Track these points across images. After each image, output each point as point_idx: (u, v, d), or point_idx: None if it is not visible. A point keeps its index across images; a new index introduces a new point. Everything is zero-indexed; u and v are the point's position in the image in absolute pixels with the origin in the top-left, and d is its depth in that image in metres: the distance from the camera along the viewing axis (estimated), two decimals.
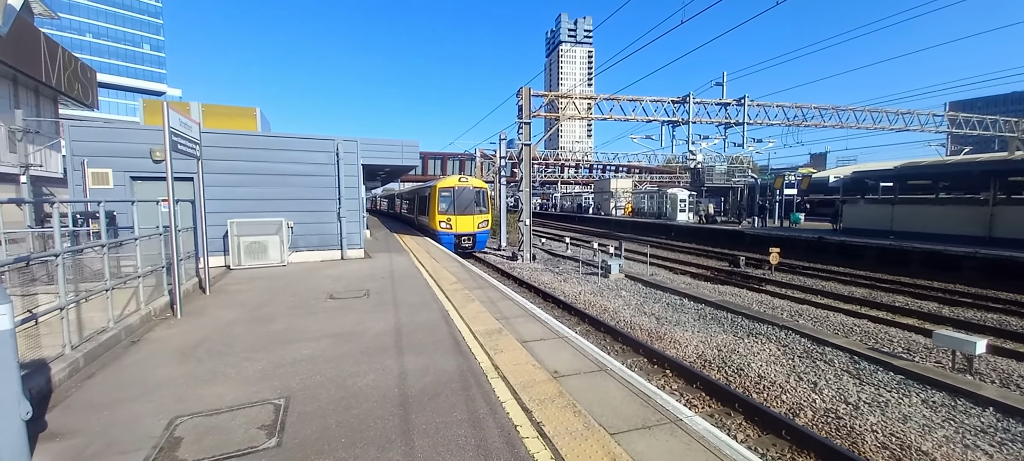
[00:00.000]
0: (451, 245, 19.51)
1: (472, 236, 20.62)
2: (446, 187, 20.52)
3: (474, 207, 20.55)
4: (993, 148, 43.21)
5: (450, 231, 20.05)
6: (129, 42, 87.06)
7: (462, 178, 21.12)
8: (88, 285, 6.33)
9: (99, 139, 11.04)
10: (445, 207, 20.11)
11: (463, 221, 20.25)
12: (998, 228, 16.95)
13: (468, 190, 20.68)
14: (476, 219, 20.60)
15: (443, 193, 20.25)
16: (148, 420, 3.85)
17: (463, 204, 20.30)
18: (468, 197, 20.50)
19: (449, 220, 20.02)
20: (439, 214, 19.98)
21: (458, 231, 20.14)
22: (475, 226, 20.60)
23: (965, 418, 5.78)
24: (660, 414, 3.92)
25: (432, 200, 20.74)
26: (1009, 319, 10.66)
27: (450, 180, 21.21)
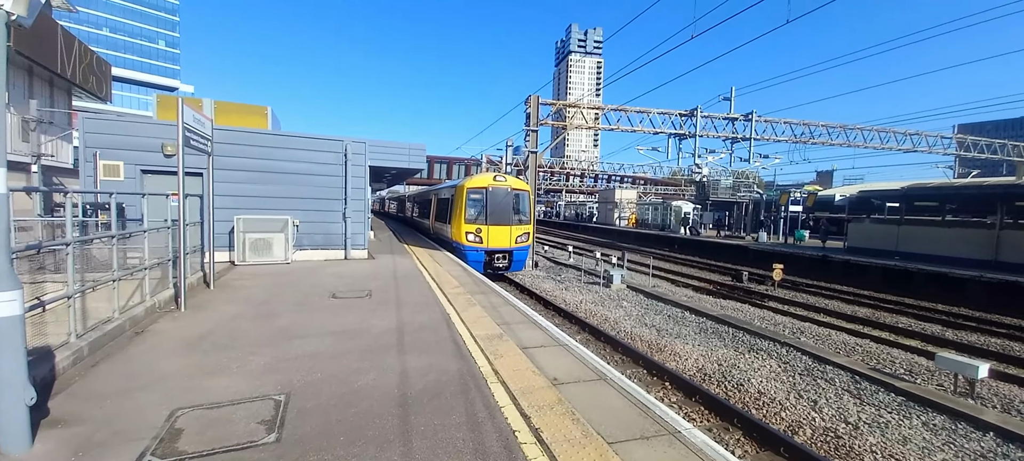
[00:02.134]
0: (480, 264, 14.99)
1: (508, 254, 15.65)
2: (476, 188, 15.64)
3: (512, 215, 15.73)
4: (1001, 172, 42.97)
5: (479, 246, 15.25)
6: (145, 38, 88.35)
7: (498, 176, 16.06)
8: (95, 275, 6.41)
9: (112, 132, 11.20)
10: (474, 214, 15.37)
11: (497, 233, 15.53)
12: (1004, 252, 16.82)
13: (504, 193, 15.75)
14: (514, 231, 15.77)
15: (472, 195, 15.48)
16: (150, 410, 3.89)
17: (498, 211, 15.53)
18: (505, 202, 15.70)
19: (479, 231, 15.32)
20: (466, 223, 15.27)
21: (491, 246, 15.34)
22: (512, 240, 15.68)
23: (965, 442, 5.74)
24: (658, 425, 3.92)
25: (456, 204, 15.99)
26: (1013, 344, 10.57)
27: (481, 178, 16.30)
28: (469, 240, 15.19)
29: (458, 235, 15.58)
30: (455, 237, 15.92)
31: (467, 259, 14.71)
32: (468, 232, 15.26)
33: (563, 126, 27.13)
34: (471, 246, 15.21)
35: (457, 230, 15.67)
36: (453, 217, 16.19)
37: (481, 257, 15.17)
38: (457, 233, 15.70)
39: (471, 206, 15.43)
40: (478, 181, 15.91)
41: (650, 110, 27.49)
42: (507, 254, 15.70)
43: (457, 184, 16.70)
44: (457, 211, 15.79)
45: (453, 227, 16.09)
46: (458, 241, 15.60)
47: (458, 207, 15.70)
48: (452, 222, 16.27)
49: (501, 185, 15.79)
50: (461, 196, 15.56)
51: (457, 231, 15.67)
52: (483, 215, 15.31)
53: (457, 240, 15.71)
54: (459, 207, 15.58)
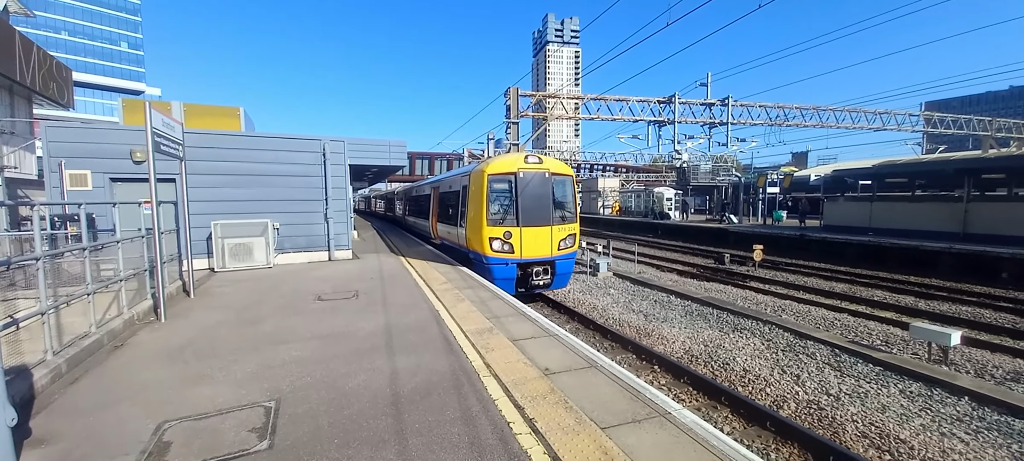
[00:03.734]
0: (510, 283, 10.90)
1: (549, 266, 11.22)
2: (501, 174, 11.04)
3: (552, 210, 11.21)
4: (967, 146, 44.59)
5: (509, 258, 10.80)
6: (106, 40, 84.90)
7: (529, 156, 11.50)
8: (68, 289, 6.19)
9: (77, 140, 10.78)
10: (499, 211, 10.98)
11: (534, 238, 10.94)
12: (972, 224, 17.54)
13: (541, 179, 11.19)
14: (556, 233, 11.19)
15: (496, 185, 11.02)
16: (135, 424, 3.79)
17: (534, 205, 11.02)
18: (542, 192, 11.14)
19: (508, 236, 10.77)
20: (488, 225, 10.78)
21: (525, 256, 10.88)
22: (554, 247, 11.18)
23: (941, 407, 5.99)
24: (649, 408, 3.99)
25: (472, 199, 11.65)
26: (982, 312, 11.05)
27: (507, 160, 11.42)
28: (494, 250, 10.71)
29: (478, 243, 11.10)
30: (473, 245, 11.50)
31: (492, 276, 10.66)
32: (493, 239, 10.68)
33: (544, 117, 27.13)
34: (497, 258, 10.74)
35: (476, 236, 11.21)
36: (469, 218, 11.81)
37: (512, 273, 10.86)
38: (476, 240, 11.23)
39: (495, 201, 10.96)
40: (503, 164, 11.20)
41: (629, 98, 27.67)
42: (548, 266, 11.13)
43: (471, 170, 12.16)
44: (474, 209, 11.36)
45: (469, 231, 11.76)
46: (478, 251, 11.18)
47: (476, 203, 11.25)
48: (467, 225, 11.90)
49: (535, 168, 11.16)
50: (480, 187, 11.03)
51: (476, 237, 11.21)
52: (513, 213, 10.89)
53: (476, 250, 11.30)
54: (478, 203, 11.12)
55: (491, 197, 10.93)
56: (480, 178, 11.10)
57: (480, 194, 11.04)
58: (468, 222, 11.91)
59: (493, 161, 11.65)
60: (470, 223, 11.71)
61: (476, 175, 11.53)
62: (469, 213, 11.83)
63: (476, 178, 11.45)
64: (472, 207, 11.58)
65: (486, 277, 10.77)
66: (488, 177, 10.90)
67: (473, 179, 11.70)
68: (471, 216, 11.66)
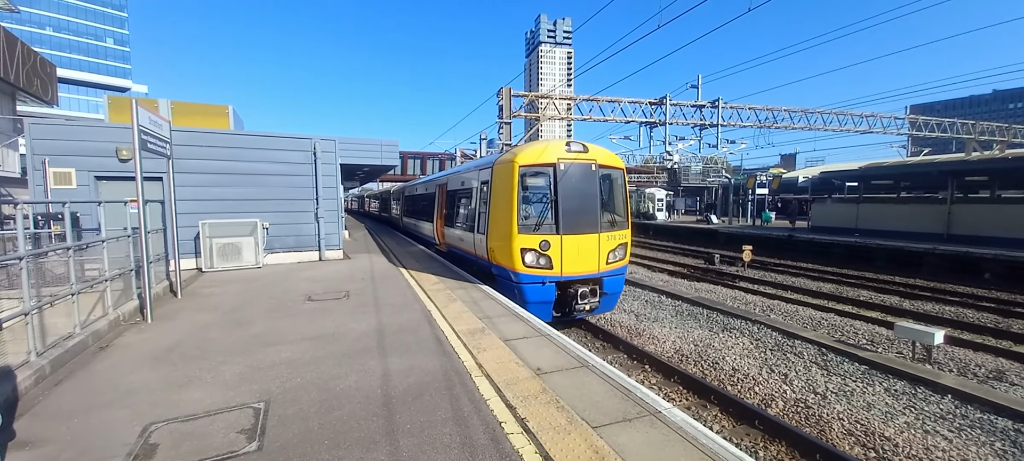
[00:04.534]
0: (547, 307, 8.73)
1: (596, 284, 8.92)
2: (536, 165, 8.73)
3: (599, 213, 8.85)
4: (951, 149, 45.47)
5: (546, 275, 8.51)
6: (91, 36, 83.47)
7: (572, 144, 8.98)
8: (52, 289, 6.08)
9: (61, 137, 10.58)
10: (532, 215, 8.68)
11: (578, 249, 8.63)
12: (955, 225, 17.90)
13: (587, 173, 8.87)
14: (605, 243, 8.87)
15: (529, 178, 8.77)
16: (121, 427, 3.73)
17: (578, 207, 8.69)
18: (588, 189, 8.83)
19: (544, 247, 8.44)
20: (519, 232, 8.47)
21: (566, 273, 8.57)
22: (602, 260, 8.86)
23: (925, 405, 6.11)
24: (640, 407, 4.02)
25: (496, 199, 9.35)
26: (965, 311, 11.28)
27: (542, 149, 8.88)
28: (527, 265, 8.37)
29: (504, 255, 8.76)
30: (497, 258, 9.12)
31: (524, 300, 8.41)
32: (525, 250, 8.37)
33: (536, 117, 27.18)
34: (531, 275, 8.41)
35: (502, 246, 8.83)
36: (492, 223, 9.37)
37: (549, 295, 8.56)
38: (501, 251, 8.88)
39: (528, 200, 8.71)
40: (538, 152, 8.73)
41: (621, 99, 27.81)
42: (594, 285, 8.83)
43: (493, 161, 9.83)
44: (500, 211, 9.01)
45: (493, 240, 9.29)
46: (504, 266, 8.85)
47: (502, 204, 8.92)
48: (490, 232, 9.41)
49: (580, 158, 8.81)
50: (508, 182, 8.73)
51: (502, 248, 8.85)
52: (551, 216, 8.51)
53: (502, 264, 8.96)
54: (505, 204, 8.80)
55: (523, 195, 8.61)
56: (508, 171, 8.72)
57: (508, 192, 8.65)
58: (491, 228, 9.37)
59: (524, 149, 9.15)
60: (494, 230, 9.23)
61: (502, 167, 9.12)
62: (492, 216, 9.37)
63: (502, 171, 9.07)
64: (496, 209, 9.20)
65: (514, 300, 8.37)
66: (519, 169, 8.51)
67: (497, 173, 9.31)
68: (495, 221, 9.22)
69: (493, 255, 9.37)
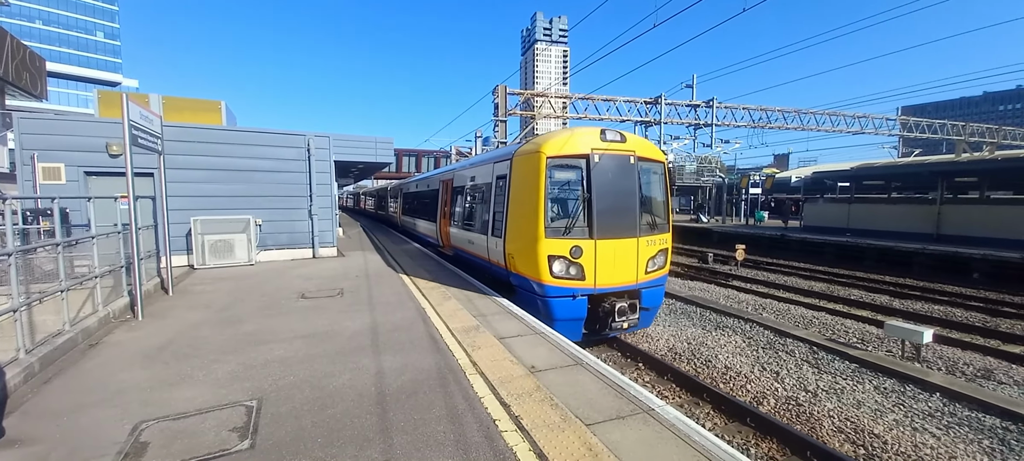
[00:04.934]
0: (577, 326, 7.62)
1: (633, 297, 7.77)
2: (565, 157, 7.54)
3: (638, 213, 7.74)
4: (941, 150, 46.01)
5: (579, 286, 7.42)
6: (81, 29, 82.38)
7: (608, 133, 7.77)
8: (40, 286, 6.01)
9: (51, 132, 10.44)
10: (560, 216, 7.63)
11: (614, 256, 7.56)
12: (945, 225, 18.12)
13: (625, 166, 7.75)
14: (644, 249, 7.84)
15: (558, 172, 7.60)
16: (111, 425, 3.70)
17: (614, 206, 7.57)
18: (626, 185, 7.73)
19: (575, 253, 7.31)
20: (546, 236, 7.33)
21: (600, 285, 7.52)
22: (641, 269, 7.83)
23: (913, 403, 6.19)
24: (633, 405, 4.04)
25: (518, 194, 8.14)
26: (954, 310, 11.43)
27: (573, 138, 7.66)
28: (554, 275, 7.27)
29: (527, 264, 7.60)
30: (518, 266, 7.91)
31: (550, 316, 7.35)
32: (553, 258, 7.24)
33: (532, 115, 27.18)
34: (559, 288, 7.30)
35: (524, 253, 7.65)
36: (511, 224, 8.21)
37: (580, 311, 7.43)
38: (524, 258, 7.70)
39: (556, 198, 7.59)
40: (568, 141, 7.51)
41: (616, 98, 27.84)
42: (632, 298, 7.64)
43: (513, 152, 8.52)
44: (522, 210, 7.83)
45: (512, 245, 8.11)
46: (526, 275, 7.69)
47: (525, 201, 7.72)
48: (508, 235, 8.25)
49: (617, 148, 7.64)
50: (533, 176, 7.54)
51: (524, 255, 7.68)
52: (583, 217, 7.38)
53: (523, 273, 7.77)
54: (529, 202, 7.58)
55: (551, 192, 7.42)
56: (532, 164, 7.54)
57: (532, 188, 7.46)
58: (509, 231, 8.20)
59: (551, 137, 7.83)
60: (514, 233, 8.06)
61: (525, 159, 7.91)
62: (512, 217, 8.16)
63: (525, 164, 7.87)
64: (517, 208, 8.00)
65: (537, 315, 7.23)
66: (547, 162, 7.33)
67: (518, 166, 8.09)
68: (515, 222, 8.02)
69: (512, 262, 8.15)
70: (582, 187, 7.46)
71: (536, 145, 7.78)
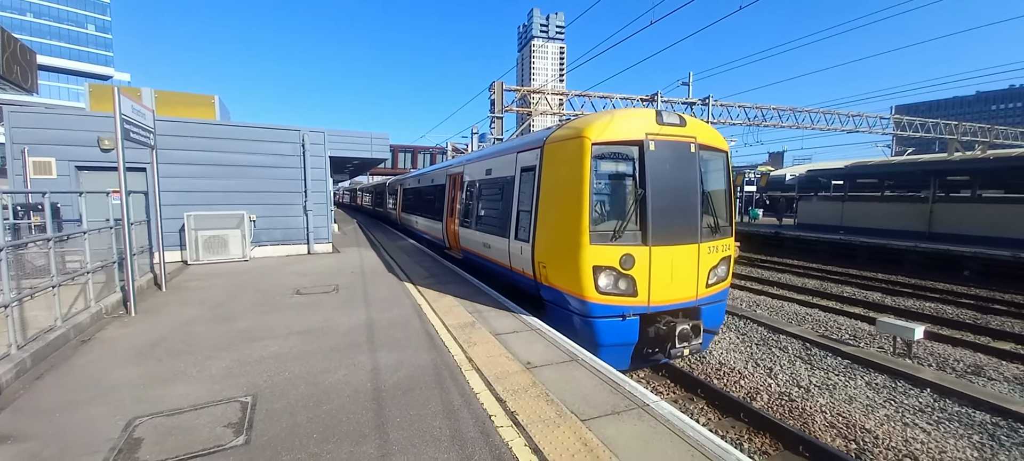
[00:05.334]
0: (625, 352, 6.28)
1: (693, 317, 6.35)
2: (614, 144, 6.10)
3: (698, 213, 6.33)
4: (934, 149, 46.38)
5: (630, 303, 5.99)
6: (72, 22, 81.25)
7: (665, 115, 6.31)
8: (32, 281, 5.95)
9: (41, 126, 10.31)
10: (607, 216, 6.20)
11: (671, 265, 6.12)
12: (937, 223, 18.28)
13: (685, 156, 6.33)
14: (705, 257, 6.41)
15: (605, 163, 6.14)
16: (104, 422, 3.67)
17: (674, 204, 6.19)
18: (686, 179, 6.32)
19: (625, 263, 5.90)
20: (591, 242, 5.88)
21: (656, 302, 6.08)
22: (702, 282, 6.40)
23: (904, 398, 6.26)
24: (628, 400, 4.06)
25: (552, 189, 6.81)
26: (945, 308, 11.55)
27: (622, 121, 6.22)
28: (601, 290, 6.00)
29: (566, 275, 6.33)
30: (553, 278, 6.63)
31: (595, 339, 6.07)
32: (599, 269, 5.97)
33: (528, 112, 27.14)
34: (607, 305, 6.02)
35: (562, 262, 6.40)
36: (542, 227, 6.92)
37: (630, 335, 6.13)
38: (561, 269, 6.45)
39: (602, 195, 6.32)
40: (617, 125, 6.23)
41: (613, 95, 27.84)
42: (691, 317, 6.37)
43: (544, 138, 7.24)
44: (559, 210, 6.59)
45: (544, 252, 6.84)
46: (564, 289, 6.39)
47: (563, 199, 6.47)
48: (538, 239, 6.99)
49: (676, 133, 6.35)
50: (574, 167, 6.24)
51: (562, 264, 6.42)
52: (635, 219, 6.12)
53: (560, 287, 6.48)
54: (568, 199, 6.31)
55: (596, 187, 6.06)
56: (573, 152, 6.22)
57: (573, 182, 6.12)
58: (540, 234, 6.88)
59: (595, 120, 6.37)
60: (546, 237, 6.75)
61: (562, 147, 6.60)
62: (542, 217, 6.85)
63: (562, 152, 6.58)
64: (551, 207, 6.71)
65: (577, 339, 5.90)
66: (592, 149, 5.98)
67: (553, 155, 6.84)
68: (548, 224, 6.73)
69: (543, 273, 6.81)
70: (635, 181, 6.11)
71: (576, 129, 6.43)
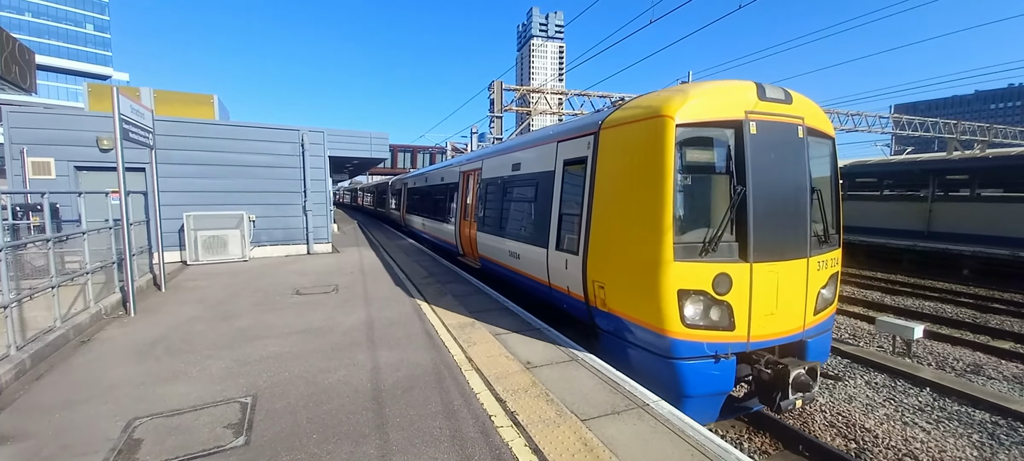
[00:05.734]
0: (715, 403, 4.84)
1: (800, 352, 5.05)
2: (705, 125, 4.59)
3: (808, 217, 4.84)
4: (933, 148, 46.38)
5: (725, 338, 4.51)
6: (71, 21, 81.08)
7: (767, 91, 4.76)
8: (31, 282, 5.94)
9: (40, 126, 10.31)
10: (696, 222, 4.69)
11: (777, 287, 4.64)
12: (936, 223, 18.28)
13: (794, 142, 4.81)
14: (816, 272, 4.95)
15: (693, 150, 4.66)
16: (104, 422, 3.67)
17: (782, 206, 4.70)
18: (795, 174, 4.79)
19: (719, 286, 4.42)
20: (677, 258, 4.38)
21: (756, 337, 4.62)
22: (809, 308, 4.93)
23: (904, 398, 6.26)
24: (628, 400, 4.06)
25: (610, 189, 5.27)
26: (944, 306, 11.55)
27: (715, 95, 4.68)
28: (688, 322, 4.46)
29: (638, 301, 4.83)
30: (619, 305, 5.13)
31: (681, 386, 4.57)
32: (687, 294, 4.43)
33: (527, 111, 27.12)
34: (694, 342, 4.50)
35: (629, 282, 4.99)
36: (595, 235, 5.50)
37: (727, 381, 4.64)
38: (628, 292, 5.02)
39: (688, 195, 4.74)
40: (708, 100, 4.66)
41: (612, 95, 27.81)
42: (797, 354, 5.09)
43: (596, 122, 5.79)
44: (621, 215, 5.10)
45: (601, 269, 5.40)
46: (636, 319, 4.88)
47: (628, 200, 5.01)
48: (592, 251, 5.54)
49: (780, 112, 4.83)
50: (645, 158, 4.76)
51: (628, 285, 5.00)
52: (730, 226, 4.58)
53: (630, 315, 4.98)
54: (636, 199, 4.85)
55: (680, 184, 4.61)
56: (650, 135, 4.71)
57: (651, 176, 4.63)
58: (597, 246, 5.41)
59: (677, 93, 4.85)
60: (606, 249, 5.29)
61: (630, 129, 5.08)
62: (599, 224, 5.39)
63: (631, 136, 5.07)
64: (613, 209, 5.22)
65: (651, 385, 4.48)
66: (677, 132, 4.52)
67: (615, 140, 5.32)
68: (609, 233, 5.26)
69: (600, 294, 5.28)
70: (730, 175, 4.59)
71: (650, 107, 4.81)
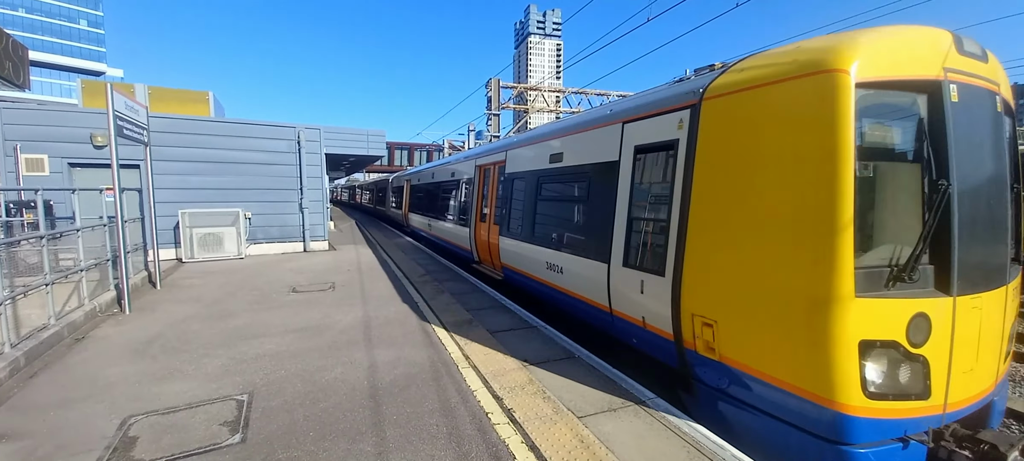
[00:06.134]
0: None
1: (984, 419, 3.43)
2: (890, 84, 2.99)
3: (1006, 221, 3.32)
4: None
5: (920, 411, 2.98)
6: (64, 17, 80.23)
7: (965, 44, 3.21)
8: (25, 279, 5.90)
9: (34, 122, 10.23)
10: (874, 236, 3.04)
11: (979, 327, 3.17)
12: None
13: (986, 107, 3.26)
14: (1012, 301, 3.51)
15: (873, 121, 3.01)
16: (99, 420, 3.65)
17: (987, 208, 3.22)
18: (990, 157, 3.29)
19: (915, 336, 2.89)
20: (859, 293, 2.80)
21: (957, 404, 3.15)
22: (1002, 353, 3.48)
23: None
24: (625, 397, 4.08)
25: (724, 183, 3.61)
26: None
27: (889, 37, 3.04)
28: (872, 393, 2.89)
29: (790, 360, 3.14)
30: (763, 363, 3.34)
31: None
32: (870, 348, 2.87)
33: (525, 109, 27.12)
34: (880, 420, 2.91)
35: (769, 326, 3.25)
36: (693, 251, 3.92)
37: None
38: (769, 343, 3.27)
39: (870, 192, 3.04)
40: (893, 46, 3.06)
41: (610, 93, 27.84)
42: (981, 422, 3.46)
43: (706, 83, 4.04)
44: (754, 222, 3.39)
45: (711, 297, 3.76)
46: (788, 386, 3.16)
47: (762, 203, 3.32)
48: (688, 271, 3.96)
49: (979, 73, 3.26)
50: (810, 136, 3.03)
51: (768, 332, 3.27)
52: (926, 240, 2.95)
53: (779, 380, 3.21)
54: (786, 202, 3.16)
55: (863, 175, 3.03)
56: (816, 97, 3.07)
57: (814, 162, 3.05)
58: (700, 266, 3.93)
59: (845, 37, 3.20)
60: (720, 271, 3.73)
61: (767, 93, 3.44)
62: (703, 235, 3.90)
63: (771, 102, 3.40)
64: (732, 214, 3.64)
65: None
66: (857, 95, 2.92)
67: (736, 111, 3.73)
68: (724, 249, 3.69)
69: (703, 334, 3.89)
70: (924, 162, 3.17)
71: (808, 58, 3.23)
